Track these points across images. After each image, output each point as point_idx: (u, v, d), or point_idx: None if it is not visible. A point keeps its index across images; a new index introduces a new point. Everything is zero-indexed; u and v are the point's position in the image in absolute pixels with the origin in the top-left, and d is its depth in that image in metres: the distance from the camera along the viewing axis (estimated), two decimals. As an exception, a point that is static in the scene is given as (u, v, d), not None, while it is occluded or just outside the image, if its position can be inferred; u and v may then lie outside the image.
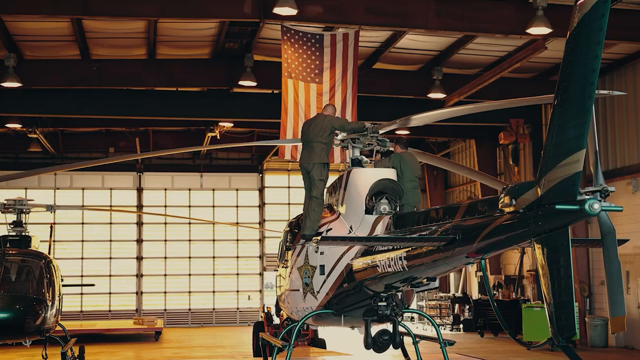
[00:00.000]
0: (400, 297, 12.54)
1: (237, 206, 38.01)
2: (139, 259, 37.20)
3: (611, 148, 25.67)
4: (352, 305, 12.54)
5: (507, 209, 7.66)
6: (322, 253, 13.04)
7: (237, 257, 37.56)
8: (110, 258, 36.88)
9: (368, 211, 12.41)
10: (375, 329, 12.47)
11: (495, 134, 30.45)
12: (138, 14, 18.82)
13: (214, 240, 37.66)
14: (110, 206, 36.57)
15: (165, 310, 36.99)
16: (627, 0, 20.35)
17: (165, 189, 37.65)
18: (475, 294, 33.97)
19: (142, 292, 37.17)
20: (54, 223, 29.50)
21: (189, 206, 37.55)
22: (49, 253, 27.47)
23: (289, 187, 38.59)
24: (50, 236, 27.43)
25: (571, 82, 6.54)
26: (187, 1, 18.38)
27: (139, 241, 37.35)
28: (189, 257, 37.32)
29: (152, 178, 37.57)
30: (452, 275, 37.23)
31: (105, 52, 24.04)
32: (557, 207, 6.66)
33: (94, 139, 35.55)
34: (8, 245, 19.65)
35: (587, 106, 6.49)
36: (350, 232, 12.73)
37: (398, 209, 12.37)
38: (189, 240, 37.43)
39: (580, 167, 6.57)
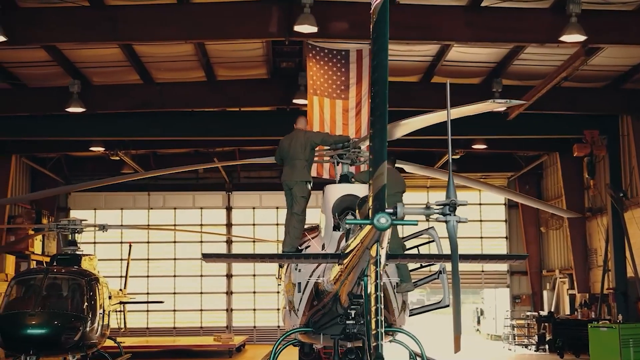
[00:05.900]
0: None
1: (324, 223, 37.95)
2: (229, 276, 37.88)
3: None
4: (325, 323, 12.41)
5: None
6: (299, 270, 13.01)
7: (324, 274, 37.45)
8: (202, 276, 37.67)
9: (336, 227, 12.33)
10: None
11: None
12: (163, 38, 19.22)
13: (301, 257, 37.72)
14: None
15: (254, 327, 37.46)
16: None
17: (254, 208, 38.23)
18: (567, 313, 32.69)
19: (232, 309, 37.81)
20: (134, 242, 30.52)
21: (277, 224, 37.90)
22: (127, 271, 28.60)
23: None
24: (129, 255, 28.58)
25: (374, 91, 6.29)
26: (211, 24, 18.65)
27: (229, 259, 38.02)
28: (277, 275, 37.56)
29: (240, 197, 38.26)
30: (545, 293, 35.92)
31: (166, 75, 24.77)
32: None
33: (184, 160, 36.44)
34: (55, 263, 20.56)
35: (384, 117, 6.19)
36: (323, 249, 12.66)
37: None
38: (277, 258, 37.66)
39: (384, 181, 6.27)
